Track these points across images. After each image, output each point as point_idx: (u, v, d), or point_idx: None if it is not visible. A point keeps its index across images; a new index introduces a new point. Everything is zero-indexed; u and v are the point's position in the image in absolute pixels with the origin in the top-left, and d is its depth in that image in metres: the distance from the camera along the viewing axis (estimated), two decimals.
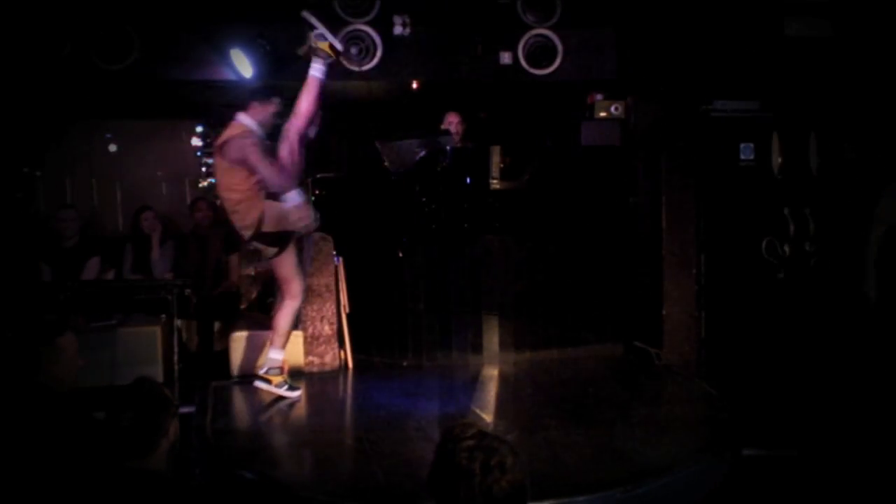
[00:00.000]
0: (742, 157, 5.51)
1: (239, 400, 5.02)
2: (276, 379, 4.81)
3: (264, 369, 4.83)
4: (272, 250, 4.68)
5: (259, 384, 4.82)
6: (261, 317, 6.02)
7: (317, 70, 4.60)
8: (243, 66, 5.60)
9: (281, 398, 4.78)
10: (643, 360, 5.67)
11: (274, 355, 4.83)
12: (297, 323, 5.53)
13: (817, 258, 5.51)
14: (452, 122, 6.18)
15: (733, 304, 5.49)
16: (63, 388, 2.94)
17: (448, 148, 5.93)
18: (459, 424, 1.97)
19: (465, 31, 5.96)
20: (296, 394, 4.83)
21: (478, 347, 5.69)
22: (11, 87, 5.82)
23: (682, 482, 3.60)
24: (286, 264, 4.74)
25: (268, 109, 4.67)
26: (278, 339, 4.83)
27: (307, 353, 5.46)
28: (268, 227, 4.58)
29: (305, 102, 4.58)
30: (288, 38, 5.76)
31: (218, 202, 5.56)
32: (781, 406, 5.11)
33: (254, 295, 6.58)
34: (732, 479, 4.10)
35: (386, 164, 6.51)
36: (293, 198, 4.57)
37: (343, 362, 5.52)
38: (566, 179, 6.65)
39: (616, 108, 6.07)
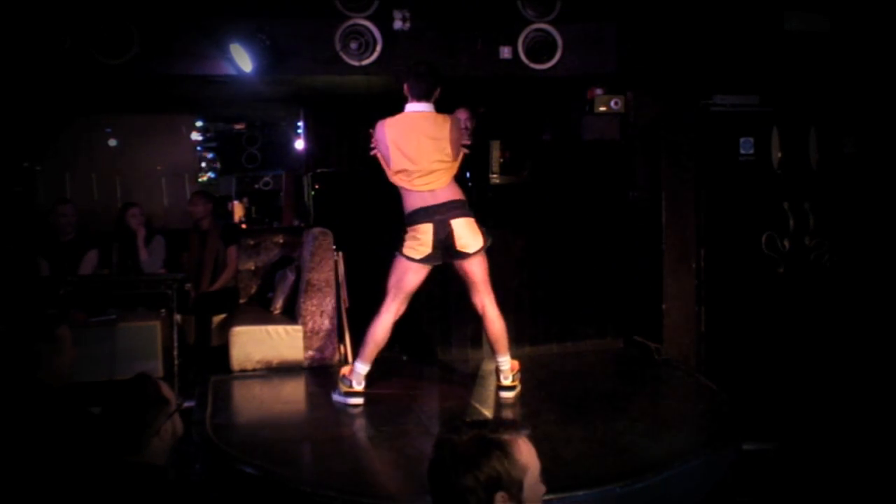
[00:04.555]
0: (742, 151, 5.51)
1: (239, 395, 5.02)
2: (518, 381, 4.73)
3: (510, 378, 4.68)
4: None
5: (509, 394, 4.68)
6: (260, 311, 6.02)
7: None
8: (243, 60, 5.60)
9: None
10: (643, 355, 5.67)
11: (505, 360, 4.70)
12: (297, 317, 5.55)
13: (817, 252, 5.51)
14: (462, 118, 6.16)
15: (733, 299, 5.49)
16: (60, 382, 2.94)
17: None
18: (459, 422, 1.93)
19: (465, 25, 5.95)
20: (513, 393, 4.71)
21: (477, 342, 5.68)
22: (11, 81, 5.82)
23: (681, 477, 3.60)
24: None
25: None
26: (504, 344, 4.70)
27: (307, 347, 5.46)
28: None
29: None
30: (287, 32, 5.76)
31: None
32: (782, 400, 5.12)
33: (253, 289, 6.59)
34: (733, 473, 4.11)
35: None
36: None
37: (343, 357, 5.52)
38: (566, 174, 6.65)
39: (616, 103, 6.06)
